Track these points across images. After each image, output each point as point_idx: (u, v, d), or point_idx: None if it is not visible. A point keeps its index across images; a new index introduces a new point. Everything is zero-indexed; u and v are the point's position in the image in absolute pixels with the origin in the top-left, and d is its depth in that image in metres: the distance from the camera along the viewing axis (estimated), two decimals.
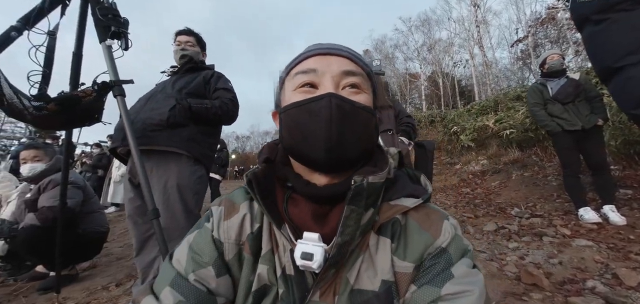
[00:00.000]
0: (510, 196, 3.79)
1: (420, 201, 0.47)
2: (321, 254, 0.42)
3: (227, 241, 0.49)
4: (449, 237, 0.45)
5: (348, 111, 0.44)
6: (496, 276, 1.74)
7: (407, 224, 0.46)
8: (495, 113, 7.18)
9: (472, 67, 18.04)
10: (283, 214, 0.46)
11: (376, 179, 0.43)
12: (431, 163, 2.01)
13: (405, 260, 0.44)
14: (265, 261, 0.47)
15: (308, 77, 0.46)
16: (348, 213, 0.42)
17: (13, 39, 1.03)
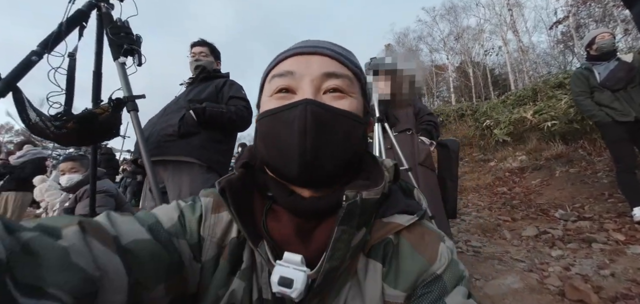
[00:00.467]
0: (553, 196, 3.44)
1: (415, 217, 0.42)
2: (303, 281, 0.35)
3: (210, 238, 0.41)
4: (446, 262, 0.40)
5: (327, 119, 0.38)
6: (536, 290, 1.57)
7: (400, 245, 0.41)
8: (534, 103, 6.60)
9: (506, 54, 16.86)
10: (261, 229, 0.40)
11: (371, 195, 0.38)
12: (456, 164, 1.86)
13: (396, 288, 0.38)
14: (243, 277, 0.40)
15: (285, 81, 0.41)
16: (338, 235, 0.36)
17: (34, 63, 1.09)
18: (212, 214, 0.43)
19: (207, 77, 1.77)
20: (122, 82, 1.26)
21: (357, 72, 0.45)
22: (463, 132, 8.46)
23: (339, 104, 0.40)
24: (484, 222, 3.03)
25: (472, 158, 6.72)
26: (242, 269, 0.40)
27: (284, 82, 0.41)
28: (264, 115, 0.41)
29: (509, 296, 1.56)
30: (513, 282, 1.68)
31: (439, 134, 2.13)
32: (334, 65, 0.42)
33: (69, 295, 0.24)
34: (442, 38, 21.30)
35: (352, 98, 0.42)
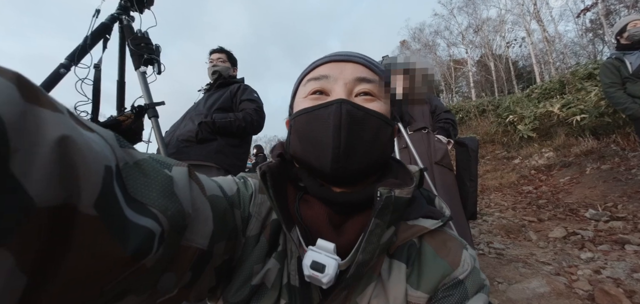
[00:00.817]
0: (583, 195, 3.24)
1: (440, 222, 0.43)
2: (334, 269, 0.36)
3: (257, 216, 0.43)
4: (469, 268, 0.41)
5: (359, 118, 0.41)
6: (563, 294, 1.49)
7: (422, 249, 0.42)
8: (562, 96, 6.25)
9: (530, 45, 16.05)
10: (294, 215, 0.42)
11: (403, 193, 0.39)
12: (475, 163, 1.80)
13: (418, 289, 0.40)
14: (278, 259, 0.41)
15: (319, 84, 0.45)
16: (373, 227, 0.37)
17: (62, 76, 1.17)
18: (260, 193, 0.45)
19: (223, 83, 1.83)
20: (143, 90, 1.32)
21: (385, 78, 0.47)
22: (484, 128, 8.15)
23: (369, 105, 0.43)
24: (508, 223, 2.91)
25: (494, 156, 6.46)
26: (278, 252, 0.42)
27: (319, 85, 0.45)
28: (300, 113, 0.44)
29: (534, 301, 1.49)
30: (539, 286, 1.60)
31: (456, 132, 2.06)
32: (365, 72, 0.45)
33: (166, 220, 0.25)
34: (460, 32, 20.61)
35: (381, 102, 0.45)
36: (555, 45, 15.75)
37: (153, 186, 0.26)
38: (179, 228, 0.27)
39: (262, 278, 0.40)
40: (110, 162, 0.22)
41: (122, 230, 0.21)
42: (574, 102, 5.30)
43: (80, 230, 0.19)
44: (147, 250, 0.23)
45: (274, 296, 0.40)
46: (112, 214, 0.21)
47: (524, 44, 18.55)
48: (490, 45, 19.40)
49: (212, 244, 0.33)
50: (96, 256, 0.20)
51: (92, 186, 0.19)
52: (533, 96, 7.75)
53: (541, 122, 5.84)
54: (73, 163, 0.18)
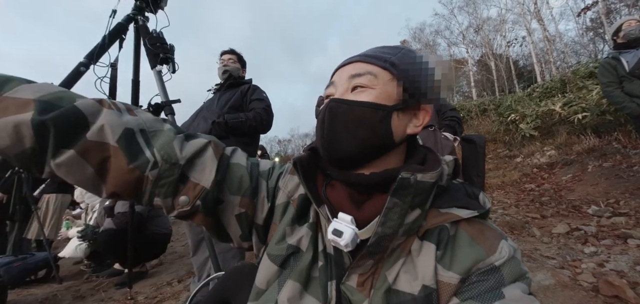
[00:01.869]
0: (586, 192, 3.27)
1: (475, 213, 0.45)
2: (350, 235, 0.43)
3: (283, 189, 0.54)
4: (506, 257, 0.41)
5: (340, 111, 0.47)
6: (568, 286, 1.52)
7: (457, 234, 0.44)
8: (563, 95, 6.28)
9: (531, 45, 16.05)
10: (322, 196, 0.50)
11: (425, 178, 0.42)
12: (482, 160, 1.82)
13: (450, 270, 0.42)
14: (310, 228, 0.51)
15: (329, 90, 0.53)
16: (391, 205, 0.41)
17: (82, 74, 1.21)
18: (288, 174, 0.56)
19: (233, 83, 1.87)
20: (159, 89, 1.36)
21: (385, 65, 0.49)
22: (486, 128, 8.17)
23: (359, 97, 0.48)
24: (511, 220, 2.93)
25: (496, 154, 6.49)
26: (310, 223, 0.51)
27: (329, 91, 0.53)
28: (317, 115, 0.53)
29: (539, 293, 1.52)
30: (544, 279, 1.63)
31: (462, 129, 2.09)
32: (359, 68, 0.50)
33: (159, 156, 0.45)
34: (460, 31, 20.64)
35: (374, 90, 0.48)
36: (556, 44, 15.78)
37: (158, 140, 0.46)
38: (171, 163, 0.45)
39: (297, 241, 0.49)
40: (133, 126, 0.45)
41: (134, 155, 0.43)
42: (575, 100, 5.33)
43: (112, 151, 0.42)
44: (143, 167, 0.43)
45: (309, 257, 0.48)
46: (129, 146, 0.43)
47: (524, 44, 18.59)
48: (490, 45, 19.43)
49: (219, 190, 0.49)
50: (118, 163, 0.42)
51: (114, 135, 0.42)
52: (534, 95, 7.77)
53: (543, 121, 5.86)
54: (103, 129, 0.42)
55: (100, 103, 0.45)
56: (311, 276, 0.48)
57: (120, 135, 0.43)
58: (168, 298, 1.97)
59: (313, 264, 0.48)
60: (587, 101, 5.04)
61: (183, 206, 0.46)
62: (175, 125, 0.51)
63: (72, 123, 0.41)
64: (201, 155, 0.49)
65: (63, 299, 2.10)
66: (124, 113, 0.46)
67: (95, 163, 0.42)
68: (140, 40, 1.45)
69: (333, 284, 0.46)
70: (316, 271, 0.48)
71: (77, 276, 2.71)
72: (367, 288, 0.44)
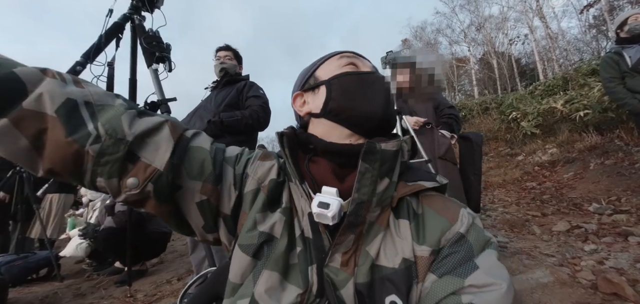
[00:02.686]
0: (587, 189, 3.25)
1: (436, 183, 0.50)
2: (337, 206, 0.43)
3: (252, 175, 0.52)
4: (467, 224, 0.45)
5: (389, 88, 0.56)
6: (567, 283, 1.51)
7: (424, 211, 0.48)
8: (565, 92, 6.24)
9: (533, 43, 15.94)
10: (305, 171, 0.51)
11: (388, 146, 0.47)
12: (479, 157, 1.82)
13: (422, 244, 0.44)
14: (284, 213, 0.49)
15: (355, 61, 0.58)
16: (363, 170, 0.44)
17: (79, 73, 1.21)
18: (258, 160, 0.54)
19: (229, 81, 1.87)
20: (155, 87, 1.37)
21: None
22: (487, 126, 8.13)
23: None
24: (511, 218, 2.92)
25: (497, 153, 6.46)
26: (283, 208, 0.49)
27: (354, 62, 0.58)
28: (350, 73, 0.56)
29: (538, 290, 1.51)
30: (542, 276, 1.62)
31: (460, 127, 2.08)
32: None
33: (103, 130, 0.41)
34: (462, 29, 20.51)
35: None
36: (558, 42, 15.66)
37: (105, 114, 0.42)
38: (116, 138, 0.41)
39: (270, 228, 0.47)
40: (76, 98, 0.41)
41: (73, 127, 0.40)
42: (577, 98, 5.30)
43: (50, 122, 0.39)
44: (82, 140, 0.40)
45: (284, 244, 0.46)
46: (69, 118, 0.40)
47: (526, 41, 18.45)
48: (492, 43, 19.31)
49: (175, 174, 0.45)
50: (55, 136, 0.39)
51: (53, 105, 0.39)
52: (536, 93, 7.72)
53: (544, 119, 5.83)
54: (41, 97, 0.39)
55: (43, 72, 0.42)
56: (289, 263, 0.46)
57: (60, 105, 0.39)
58: (167, 295, 1.98)
59: (290, 251, 0.46)
60: (589, 98, 5.00)
61: (131, 188, 0.42)
62: (129, 101, 0.47)
63: (7, 89, 0.38)
64: (155, 134, 0.45)
65: (63, 297, 2.12)
66: (69, 84, 0.43)
67: (30, 134, 0.39)
68: (136, 39, 1.46)
69: (314, 269, 0.45)
70: (294, 257, 0.46)
71: (78, 274, 2.73)
72: (350, 266, 0.44)
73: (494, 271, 0.40)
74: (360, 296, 0.42)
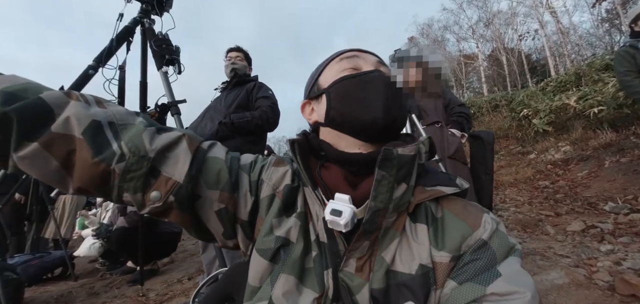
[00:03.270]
0: (602, 188, 3.16)
1: (458, 189, 0.48)
2: (349, 213, 0.43)
3: (267, 181, 0.53)
4: (490, 230, 0.43)
5: (395, 84, 0.51)
6: (583, 285, 1.47)
7: (444, 215, 0.46)
8: (578, 88, 6.08)
9: (544, 38, 15.62)
10: (317, 178, 0.50)
11: (405, 151, 0.45)
12: (491, 156, 1.78)
13: (441, 250, 0.43)
14: (298, 218, 0.49)
15: (353, 62, 0.54)
16: (379, 178, 0.43)
17: (91, 76, 1.24)
18: (272, 166, 0.55)
19: (239, 81, 1.88)
20: (165, 89, 1.38)
21: None
22: (497, 124, 8.00)
23: None
24: (524, 218, 2.87)
25: (508, 151, 6.34)
26: (298, 213, 0.50)
27: (353, 63, 0.54)
28: (346, 78, 0.53)
29: (553, 292, 1.48)
30: (557, 277, 1.58)
31: (471, 126, 2.05)
32: (380, 61, 0.57)
33: (126, 148, 0.43)
34: (470, 26, 20.24)
35: None
36: (570, 36, 15.31)
37: (127, 133, 0.44)
38: (139, 155, 0.43)
39: (286, 232, 0.48)
40: (100, 119, 0.43)
41: (99, 147, 0.41)
42: (591, 94, 5.15)
43: (77, 144, 0.41)
44: (109, 159, 0.41)
45: (301, 248, 0.47)
46: (94, 138, 0.41)
47: (537, 37, 18.07)
48: (501, 39, 18.97)
49: (194, 184, 0.47)
50: (83, 156, 0.41)
51: (80, 126, 0.41)
52: (548, 89, 7.55)
53: (557, 116, 5.70)
54: (68, 120, 0.41)
55: (67, 95, 0.44)
56: (305, 267, 0.46)
57: (87, 127, 0.41)
58: (178, 294, 2.00)
59: (306, 255, 0.47)
60: (603, 94, 4.86)
61: (154, 201, 0.44)
62: (148, 118, 0.50)
63: (36, 114, 0.40)
64: (174, 148, 0.47)
65: (78, 296, 2.16)
66: (92, 105, 0.45)
67: (60, 156, 0.41)
68: (147, 43, 1.48)
69: (330, 273, 0.45)
70: (310, 261, 0.47)
71: (91, 274, 2.79)
72: (366, 271, 0.43)
73: (518, 278, 0.39)
74: (375, 301, 0.41)
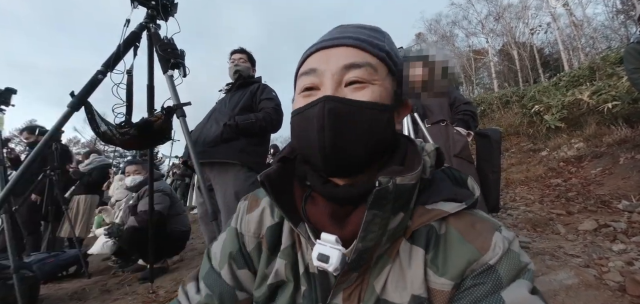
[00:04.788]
0: (616, 186, 3.07)
1: (463, 205, 0.40)
2: (337, 258, 0.39)
3: (247, 233, 0.51)
4: (500, 252, 0.37)
5: (345, 113, 0.39)
6: (593, 286, 1.44)
7: (448, 233, 0.40)
8: (592, 83, 5.90)
9: (557, 31, 15.18)
10: (301, 213, 0.44)
11: (405, 180, 0.37)
12: (498, 154, 1.76)
13: (442, 276, 0.38)
14: (284, 256, 0.47)
15: (309, 80, 0.43)
16: (370, 218, 0.37)
17: (100, 81, 1.28)
18: (247, 214, 0.53)
19: (243, 83, 1.91)
20: (171, 92, 1.42)
21: (382, 55, 0.43)
22: (508, 120, 7.83)
23: (359, 95, 0.40)
24: (534, 217, 2.81)
25: (519, 148, 6.21)
26: (282, 250, 0.47)
27: (309, 81, 0.43)
28: (293, 114, 0.45)
29: (561, 292, 1.45)
30: (566, 278, 1.55)
31: (477, 123, 2.02)
32: (354, 55, 0.41)
33: None
34: (479, 20, 19.82)
35: (375, 86, 0.41)
36: (584, 29, 14.83)
37: None
38: None
39: (274, 276, 0.47)
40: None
41: None
42: (605, 88, 4.99)
43: None
44: None
45: (291, 286, 0.46)
46: None
47: (549, 30, 17.58)
48: (512, 33, 18.52)
49: None
50: None
51: None
52: (561, 84, 7.35)
53: (570, 112, 5.54)
54: None
55: None
56: (296, 303, 0.46)
57: None
58: None
59: (296, 292, 0.46)
60: (617, 88, 4.71)
61: None
62: None
63: None
64: None
65: (91, 293, 2.23)
66: None
67: None
68: (152, 47, 1.52)
69: None
70: (300, 297, 0.45)
71: (104, 271, 2.87)
72: (354, 301, 0.41)
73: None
74: None
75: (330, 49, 0.43)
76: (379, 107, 0.41)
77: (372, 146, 0.41)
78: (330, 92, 0.40)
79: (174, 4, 1.61)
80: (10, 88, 2.07)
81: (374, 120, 0.41)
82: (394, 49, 0.46)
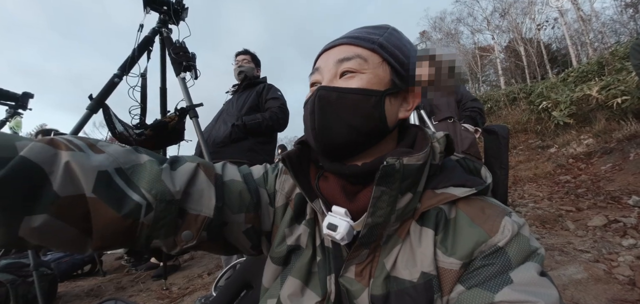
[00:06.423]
0: (626, 182, 3.03)
1: (473, 190, 0.43)
2: (345, 228, 0.42)
3: (281, 190, 0.54)
4: (509, 235, 0.38)
5: (332, 99, 0.45)
6: (603, 280, 1.44)
7: (457, 217, 0.42)
8: (600, 78, 5.80)
9: (564, 26, 14.93)
10: (315, 189, 0.49)
11: (412, 160, 0.40)
12: (506, 151, 1.75)
13: (451, 256, 0.40)
14: (308, 225, 0.51)
15: (314, 77, 0.50)
16: (378, 194, 0.40)
17: (116, 84, 1.33)
18: (284, 175, 0.56)
19: (249, 84, 1.95)
20: (184, 94, 1.46)
21: (373, 47, 0.47)
22: (516, 117, 7.74)
23: (349, 83, 0.45)
24: (543, 214, 2.79)
25: (527, 145, 6.14)
26: (307, 220, 0.51)
27: (314, 78, 0.50)
28: (303, 105, 0.52)
29: (570, 287, 1.45)
30: (575, 272, 1.55)
31: (484, 120, 2.02)
32: (346, 51, 0.47)
33: (151, 196, 0.39)
34: (485, 17, 19.58)
35: (364, 74, 0.46)
36: (592, 24, 14.57)
37: (141, 178, 0.40)
38: (166, 201, 0.40)
39: (296, 240, 0.50)
40: (106, 168, 0.37)
41: (117, 202, 0.37)
42: (614, 83, 4.92)
43: (91, 204, 0.35)
44: (136, 213, 0.38)
45: (309, 254, 0.49)
46: (108, 194, 0.36)
47: (557, 25, 17.31)
48: (519, 29, 18.25)
49: (222, 214, 0.46)
50: (103, 216, 0.36)
51: (88, 183, 0.35)
52: (569, 80, 7.25)
53: (578, 108, 5.47)
54: (71, 178, 0.34)
55: (52, 145, 0.35)
56: (311, 272, 0.48)
57: (95, 182, 0.35)
58: (199, 288, 2.10)
59: (313, 260, 0.49)
60: (627, 83, 4.63)
61: (187, 241, 0.43)
62: (150, 152, 0.45)
63: (25, 178, 0.32)
64: (194, 182, 0.44)
65: (106, 290, 2.30)
66: (87, 151, 0.38)
67: (75, 221, 0.35)
68: (165, 51, 1.57)
69: (332, 278, 0.46)
70: (315, 266, 0.48)
71: (118, 269, 2.95)
72: (365, 277, 0.43)
73: (531, 287, 0.35)
74: None
75: (330, 49, 0.50)
76: (364, 92, 0.45)
77: (356, 126, 0.45)
78: (325, 84, 0.47)
79: (184, 8, 1.66)
80: (27, 93, 2.15)
81: (358, 102, 0.45)
82: (393, 41, 0.49)
